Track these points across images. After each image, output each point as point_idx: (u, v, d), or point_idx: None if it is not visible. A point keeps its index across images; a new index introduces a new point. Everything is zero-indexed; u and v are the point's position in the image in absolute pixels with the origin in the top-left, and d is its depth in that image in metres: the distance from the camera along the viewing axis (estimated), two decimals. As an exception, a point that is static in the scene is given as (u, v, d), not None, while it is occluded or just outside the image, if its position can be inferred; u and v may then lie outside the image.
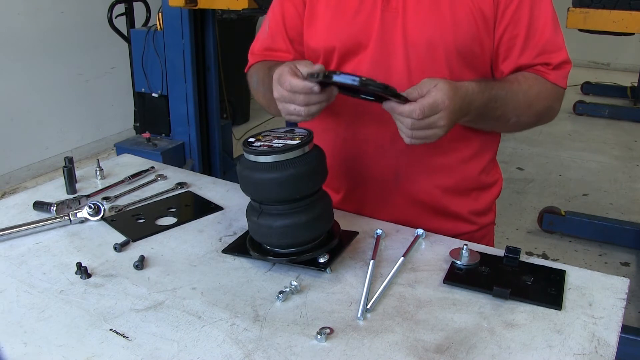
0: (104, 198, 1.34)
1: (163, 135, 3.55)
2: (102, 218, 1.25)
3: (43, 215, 1.27)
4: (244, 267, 1.07)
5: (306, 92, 1.00)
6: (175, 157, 3.40)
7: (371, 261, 1.05)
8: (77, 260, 1.08)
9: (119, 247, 1.13)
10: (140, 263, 1.07)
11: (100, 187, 1.40)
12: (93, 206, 1.24)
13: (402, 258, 1.07)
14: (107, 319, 0.93)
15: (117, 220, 1.25)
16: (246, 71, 1.35)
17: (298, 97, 1.01)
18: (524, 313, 0.93)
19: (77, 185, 1.40)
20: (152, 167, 1.51)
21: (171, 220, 1.25)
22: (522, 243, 3.21)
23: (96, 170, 1.46)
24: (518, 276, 1.02)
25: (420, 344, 0.86)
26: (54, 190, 1.40)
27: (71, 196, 1.35)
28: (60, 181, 1.41)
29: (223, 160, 3.76)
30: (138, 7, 3.62)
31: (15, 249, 1.14)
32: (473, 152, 1.25)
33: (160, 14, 3.31)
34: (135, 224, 1.23)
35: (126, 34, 3.55)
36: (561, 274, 1.02)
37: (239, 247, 1.12)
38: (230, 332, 0.89)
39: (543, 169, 4.28)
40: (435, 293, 0.99)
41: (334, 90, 1.04)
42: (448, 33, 1.12)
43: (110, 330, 0.90)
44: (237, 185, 1.07)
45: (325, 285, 1.01)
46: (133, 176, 1.45)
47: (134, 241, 1.16)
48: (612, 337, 0.87)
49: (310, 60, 1.15)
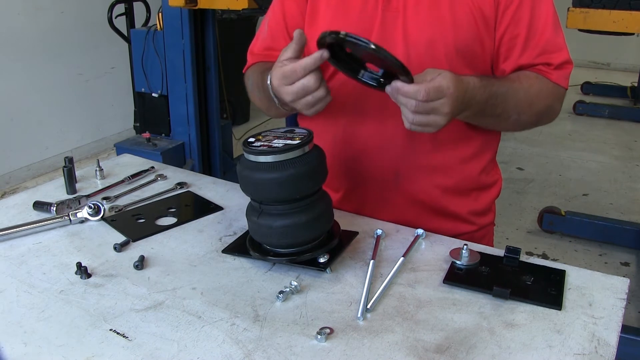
0: (104, 198, 1.34)
1: (163, 135, 3.55)
2: (102, 218, 1.25)
3: (43, 215, 1.26)
4: (244, 267, 1.07)
5: (316, 63, 0.98)
6: (175, 157, 3.40)
7: (371, 261, 1.05)
8: (77, 260, 1.08)
9: (119, 247, 1.13)
10: (140, 263, 1.07)
11: (100, 187, 1.40)
12: (93, 206, 1.24)
13: (402, 258, 1.07)
14: (107, 319, 0.93)
15: (117, 220, 1.25)
16: (244, 72, 1.34)
17: (310, 81, 1.00)
18: (524, 313, 0.93)
19: (77, 185, 1.40)
20: (152, 167, 1.51)
21: (171, 220, 1.25)
22: (522, 243, 3.21)
23: (96, 170, 1.46)
24: (518, 276, 1.02)
25: (420, 344, 0.86)
26: (54, 190, 1.40)
27: (71, 196, 1.35)
28: (60, 181, 1.41)
29: (223, 160, 3.76)
30: (138, 7, 3.62)
31: (15, 249, 1.14)
32: (473, 152, 1.25)
33: (160, 14, 3.31)
34: (135, 224, 1.23)
35: (126, 34, 3.55)
36: (561, 274, 1.02)
37: (239, 247, 1.12)
38: (230, 332, 0.89)
39: (543, 169, 4.28)
40: (435, 293, 0.99)
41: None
42: (448, 33, 1.12)
43: (110, 330, 0.90)
44: (237, 185, 1.07)
45: (325, 285, 1.01)
46: (133, 176, 1.45)
47: (134, 241, 1.16)
48: (612, 337, 0.87)
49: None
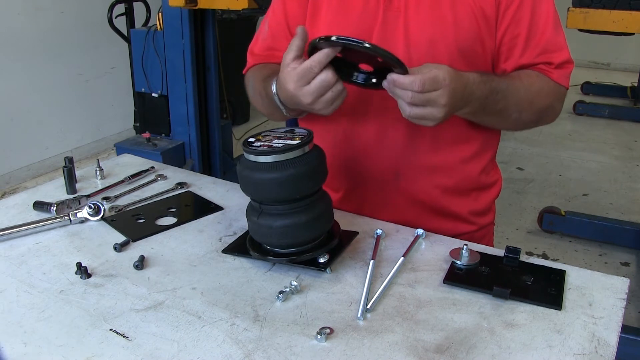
0: (104, 198, 1.34)
1: (163, 135, 3.55)
2: (102, 218, 1.25)
3: (43, 215, 1.26)
4: (244, 267, 1.07)
5: (330, 56, 0.97)
6: (175, 157, 3.40)
7: (371, 261, 1.05)
8: (77, 260, 1.08)
9: (119, 247, 1.13)
10: (140, 263, 1.07)
11: (100, 187, 1.40)
12: (93, 206, 1.24)
13: (402, 258, 1.07)
14: (107, 319, 0.93)
15: (117, 220, 1.25)
16: (245, 72, 1.34)
17: (328, 74, 0.99)
18: (524, 313, 0.93)
19: (77, 185, 1.40)
20: (152, 167, 1.51)
21: (171, 220, 1.25)
22: (522, 243, 3.21)
23: (96, 170, 1.46)
24: (518, 276, 1.02)
25: (420, 344, 0.86)
26: (54, 190, 1.40)
27: (71, 196, 1.35)
28: (60, 181, 1.41)
29: (223, 160, 3.76)
30: (138, 7, 3.62)
31: (15, 249, 1.14)
32: (473, 152, 1.25)
33: (160, 14, 3.31)
34: (135, 224, 1.23)
35: (126, 34, 3.55)
36: (561, 274, 1.02)
37: (239, 247, 1.12)
38: (230, 332, 0.89)
39: (543, 169, 4.28)
40: (435, 293, 0.99)
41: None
42: (449, 32, 1.13)
43: (110, 330, 0.90)
44: (237, 185, 1.07)
45: (325, 285, 1.01)
46: (133, 176, 1.45)
47: (134, 241, 1.16)
48: (612, 337, 0.87)
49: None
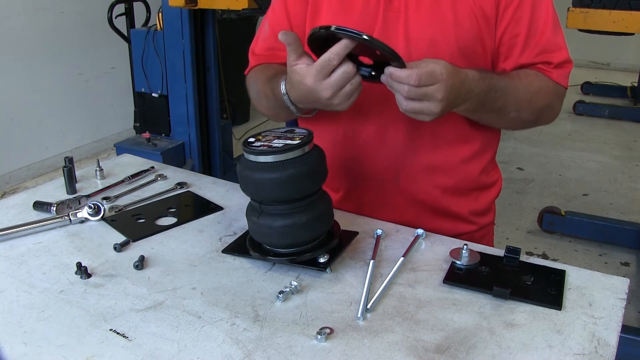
0: (104, 198, 1.34)
1: (163, 135, 3.55)
2: (102, 218, 1.25)
3: (43, 215, 1.26)
4: (244, 267, 1.07)
5: (348, 47, 0.96)
6: (175, 157, 3.40)
7: (371, 261, 1.05)
8: (77, 260, 1.08)
9: (119, 247, 1.13)
10: (140, 263, 1.07)
11: (100, 187, 1.40)
12: (93, 206, 1.24)
13: (402, 258, 1.07)
14: (107, 319, 0.93)
15: (117, 220, 1.25)
16: (246, 73, 1.33)
17: (349, 66, 0.98)
18: (524, 313, 0.93)
19: (77, 185, 1.40)
20: (152, 167, 1.51)
21: (171, 220, 1.25)
22: (522, 243, 3.21)
23: (96, 170, 1.46)
24: (518, 276, 1.02)
25: (420, 344, 0.86)
26: (54, 190, 1.40)
27: (71, 196, 1.35)
28: (60, 181, 1.41)
29: (223, 160, 3.76)
30: (138, 7, 3.62)
31: (15, 249, 1.14)
32: (473, 152, 1.25)
33: (160, 14, 3.31)
34: (135, 224, 1.23)
35: (126, 34, 3.55)
36: (561, 274, 1.02)
37: (239, 247, 1.12)
38: (230, 332, 0.89)
39: (543, 169, 4.28)
40: (435, 293, 0.99)
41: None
42: (450, 32, 1.13)
43: (110, 330, 0.90)
44: (237, 185, 1.07)
45: (325, 285, 1.01)
46: (133, 176, 1.45)
47: (134, 241, 1.16)
48: (612, 337, 0.87)
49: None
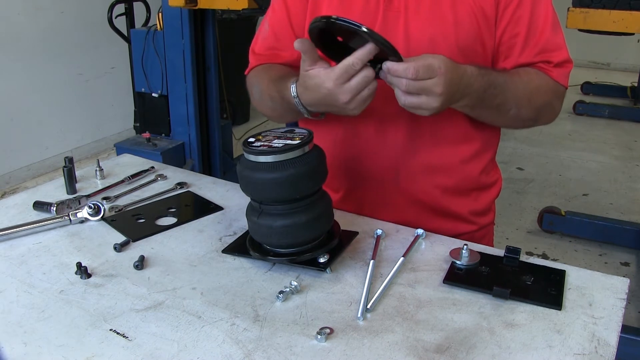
0: (104, 198, 1.34)
1: (163, 135, 3.55)
2: (102, 218, 1.25)
3: (43, 215, 1.26)
4: (244, 267, 1.07)
5: (371, 53, 0.96)
6: (175, 157, 3.40)
7: (371, 261, 1.05)
8: (77, 260, 1.08)
9: (119, 247, 1.13)
10: (140, 263, 1.07)
11: (100, 187, 1.40)
12: (93, 206, 1.24)
13: (402, 258, 1.07)
14: (107, 319, 0.93)
15: (117, 220, 1.25)
16: (246, 73, 1.33)
17: (369, 71, 0.98)
18: (524, 313, 0.93)
19: (77, 185, 1.40)
20: (152, 167, 1.51)
21: (171, 220, 1.25)
22: (522, 243, 3.21)
23: (96, 170, 1.46)
24: (518, 276, 1.02)
25: (420, 344, 0.86)
26: (54, 190, 1.40)
27: (71, 196, 1.35)
28: (60, 181, 1.41)
29: (223, 160, 3.76)
30: (138, 7, 3.62)
31: (15, 249, 1.14)
32: (473, 152, 1.25)
33: (160, 14, 3.31)
34: (135, 224, 1.23)
35: (126, 34, 3.55)
36: (561, 274, 1.02)
37: (239, 247, 1.12)
38: (230, 332, 0.89)
39: (543, 169, 4.28)
40: (435, 293, 0.99)
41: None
42: (450, 32, 1.13)
43: (110, 330, 0.90)
44: (237, 185, 1.07)
45: (325, 285, 1.01)
46: (133, 176, 1.45)
47: (134, 241, 1.16)
48: (612, 337, 0.87)
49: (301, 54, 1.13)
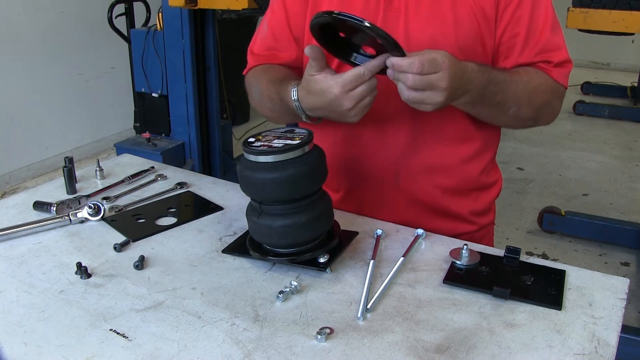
0: (104, 198, 1.34)
1: (163, 135, 3.55)
2: (102, 218, 1.25)
3: (43, 215, 1.26)
4: (244, 267, 1.07)
5: (381, 65, 0.99)
6: (175, 157, 3.40)
7: (371, 261, 1.05)
8: (77, 260, 1.08)
9: (119, 247, 1.13)
10: (140, 263, 1.07)
11: (100, 187, 1.40)
12: (93, 206, 1.24)
13: (402, 258, 1.07)
14: (107, 319, 0.93)
15: (117, 220, 1.25)
16: (245, 73, 1.33)
17: (375, 81, 1.01)
18: (524, 313, 0.93)
19: (77, 185, 1.40)
20: (152, 167, 1.51)
21: (171, 220, 1.25)
22: (522, 243, 3.21)
23: (96, 170, 1.46)
24: (518, 276, 1.02)
25: (420, 344, 0.86)
26: (54, 190, 1.40)
27: (71, 196, 1.35)
28: (60, 181, 1.41)
29: (223, 160, 3.76)
30: (138, 7, 3.62)
31: (15, 249, 1.14)
32: (473, 153, 1.25)
33: (160, 14, 3.31)
34: (135, 224, 1.23)
35: (126, 34, 3.55)
36: (561, 274, 1.02)
37: (239, 247, 1.12)
38: (230, 332, 0.89)
39: (543, 169, 4.28)
40: (435, 293, 0.99)
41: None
42: (450, 32, 1.13)
43: (110, 330, 0.90)
44: (237, 185, 1.07)
45: (325, 285, 1.01)
46: (133, 176, 1.45)
47: (134, 241, 1.16)
48: (612, 337, 0.87)
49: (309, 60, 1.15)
